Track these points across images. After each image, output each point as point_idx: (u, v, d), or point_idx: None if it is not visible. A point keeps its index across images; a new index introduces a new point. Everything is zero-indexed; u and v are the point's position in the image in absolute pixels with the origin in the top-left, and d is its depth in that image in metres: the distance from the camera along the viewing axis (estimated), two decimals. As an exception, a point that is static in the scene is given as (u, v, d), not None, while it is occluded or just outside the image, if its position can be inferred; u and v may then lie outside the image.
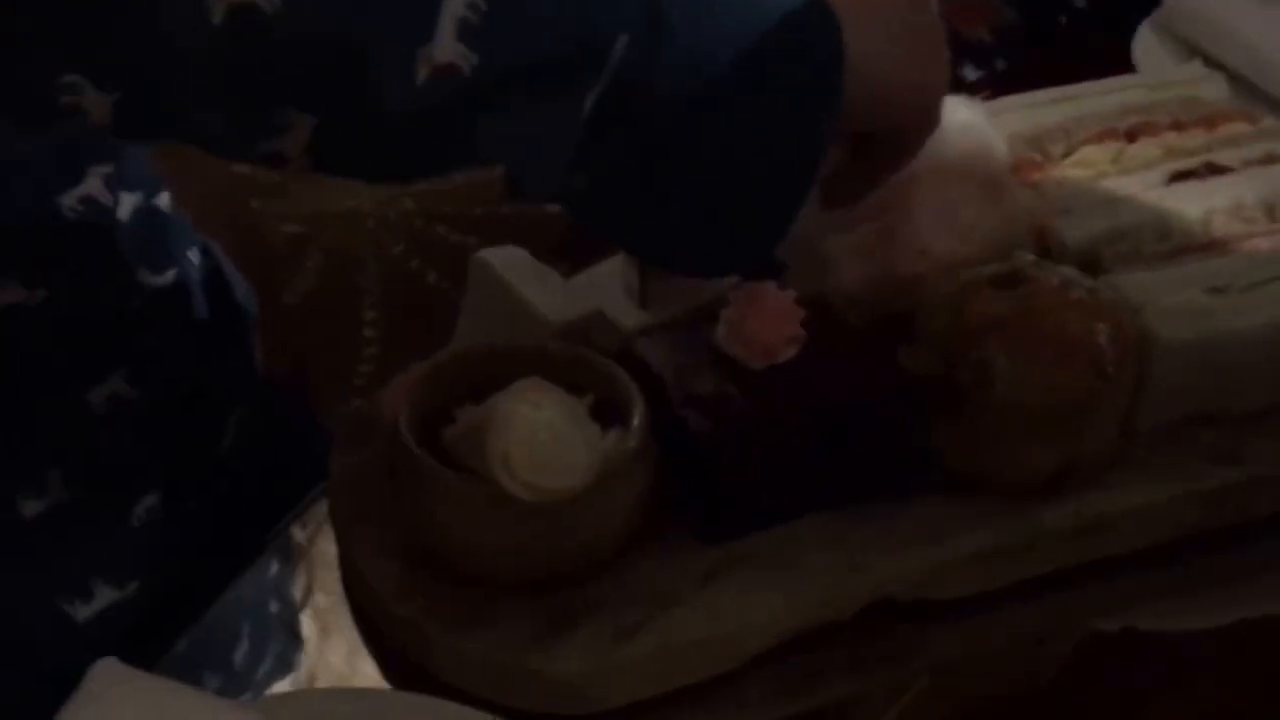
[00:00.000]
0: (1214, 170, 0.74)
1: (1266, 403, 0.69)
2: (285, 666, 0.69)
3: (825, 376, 0.64)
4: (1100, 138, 0.76)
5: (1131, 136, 0.76)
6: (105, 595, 0.68)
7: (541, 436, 0.57)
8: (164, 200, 0.74)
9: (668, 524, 0.63)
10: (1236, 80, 0.85)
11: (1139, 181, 0.74)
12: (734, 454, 0.63)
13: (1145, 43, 0.92)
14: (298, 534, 0.78)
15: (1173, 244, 0.71)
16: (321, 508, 0.68)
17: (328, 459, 0.67)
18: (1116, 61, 0.92)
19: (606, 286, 0.69)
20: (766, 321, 0.64)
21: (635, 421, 0.61)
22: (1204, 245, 0.71)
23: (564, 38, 0.52)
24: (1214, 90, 0.80)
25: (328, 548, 0.67)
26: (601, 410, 0.62)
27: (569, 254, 0.73)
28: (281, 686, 0.67)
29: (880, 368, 0.65)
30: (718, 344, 0.65)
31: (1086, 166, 0.75)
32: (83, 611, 0.69)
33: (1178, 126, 0.76)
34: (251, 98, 0.50)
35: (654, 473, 0.63)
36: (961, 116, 0.70)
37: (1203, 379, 0.68)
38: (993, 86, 0.74)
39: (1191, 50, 0.91)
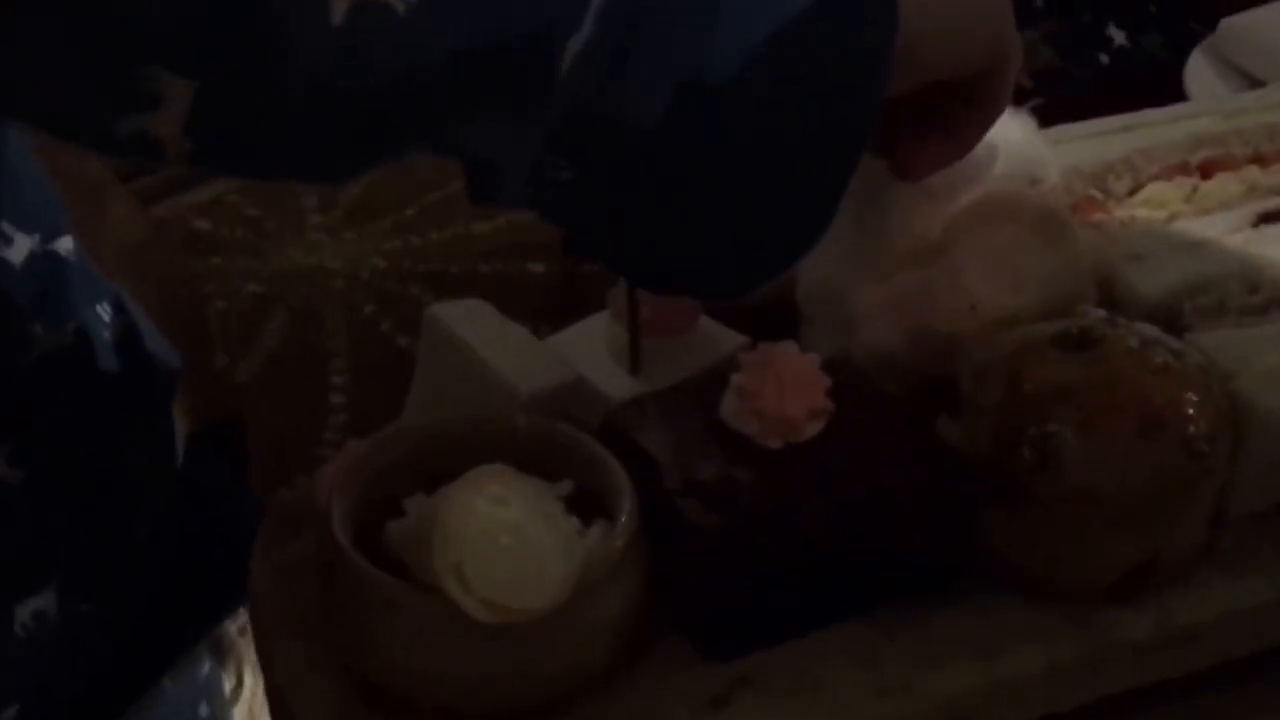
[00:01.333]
0: (1308, 210, 0.63)
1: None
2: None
3: (855, 457, 0.54)
4: (1170, 173, 0.65)
5: (1206, 172, 0.66)
6: None
7: (504, 542, 0.45)
8: (66, 245, 0.62)
9: (663, 639, 0.53)
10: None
11: (1219, 223, 0.63)
12: (745, 552, 0.52)
13: (1198, 71, 0.82)
14: (230, 628, 0.67)
15: (1264, 296, 0.61)
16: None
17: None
18: (1166, 98, 0.81)
19: (588, 348, 0.58)
20: (785, 391, 0.53)
21: (623, 515, 0.50)
22: (1301, 298, 0.60)
23: None
24: (1298, 119, 0.69)
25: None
26: (582, 500, 0.51)
27: (554, 317, 0.64)
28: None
29: (921, 447, 0.55)
30: (725, 418, 0.54)
31: (1156, 206, 0.64)
32: None
33: (1259, 160, 0.66)
34: (101, 54, 0.37)
35: (646, 577, 0.51)
36: (1011, 136, 0.58)
37: (1308, 457, 0.56)
38: (1038, 118, 0.63)
39: (1248, 78, 0.81)
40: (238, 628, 0.68)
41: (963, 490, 0.54)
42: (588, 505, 0.51)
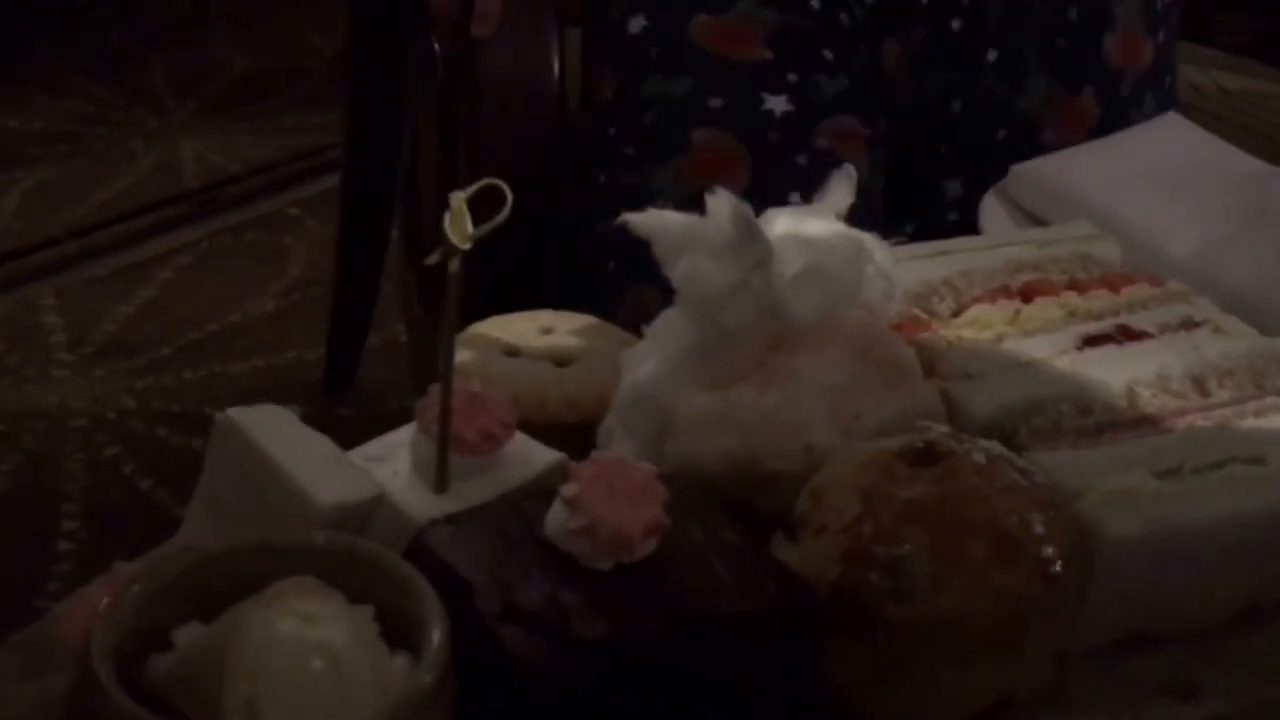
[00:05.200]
0: (1129, 335, 0.61)
1: (1227, 616, 0.54)
2: None
3: (694, 580, 0.47)
4: (993, 296, 0.62)
5: (1026, 296, 0.63)
6: None
7: (316, 667, 0.36)
8: None
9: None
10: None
11: (1045, 345, 0.60)
12: (573, 686, 0.45)
13: (992, 213, 0.80)
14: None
15: (1096, 419, 0.58)
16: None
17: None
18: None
19: (393, 460, 0.50)
20: (618, 504, 0.46)
21: (433, 645, 0.42)
22: (1132, 421, 0.58)
23: None
24: (1106, 250, 0.67)
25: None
26: (385, 629, 0.43)
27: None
28: None
29: (764, 568, 0.48)
30: (549, 536, 0.47)
31: (982, 327, 0.60)
32: None
33: (1076, 286, 0.63)
34: None
35: (459, 718, 0.43)
36: (870, 265, 0.54)
37: (1155, 584, 0.53)
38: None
39: (1036, 221, 0.80)
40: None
41: (809, 616, 0.48)
42: (393, 636, 0.43)
